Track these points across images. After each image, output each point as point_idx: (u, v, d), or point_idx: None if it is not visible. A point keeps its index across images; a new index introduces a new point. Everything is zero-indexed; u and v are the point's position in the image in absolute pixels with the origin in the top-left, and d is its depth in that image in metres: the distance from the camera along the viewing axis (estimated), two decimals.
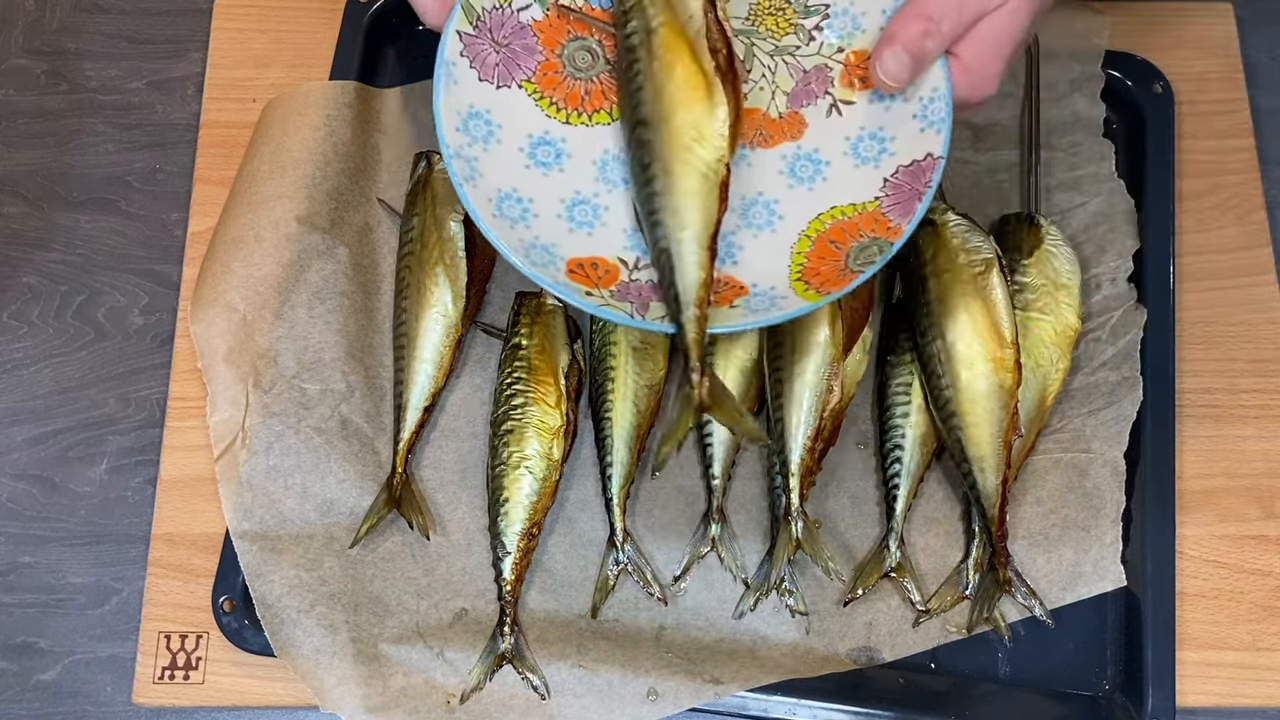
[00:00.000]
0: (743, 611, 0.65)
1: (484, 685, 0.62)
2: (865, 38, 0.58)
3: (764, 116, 0.58)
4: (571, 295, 0.53)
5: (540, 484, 0.64)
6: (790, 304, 0.53)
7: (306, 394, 0.67)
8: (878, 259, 0.53)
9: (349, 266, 0.69)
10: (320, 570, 0.64)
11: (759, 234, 0.57)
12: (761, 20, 0.59)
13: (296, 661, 0.62)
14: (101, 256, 0.75)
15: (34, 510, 0.69)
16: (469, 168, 0.55)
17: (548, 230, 0.56)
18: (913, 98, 0.56)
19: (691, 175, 0.52)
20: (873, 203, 0.56)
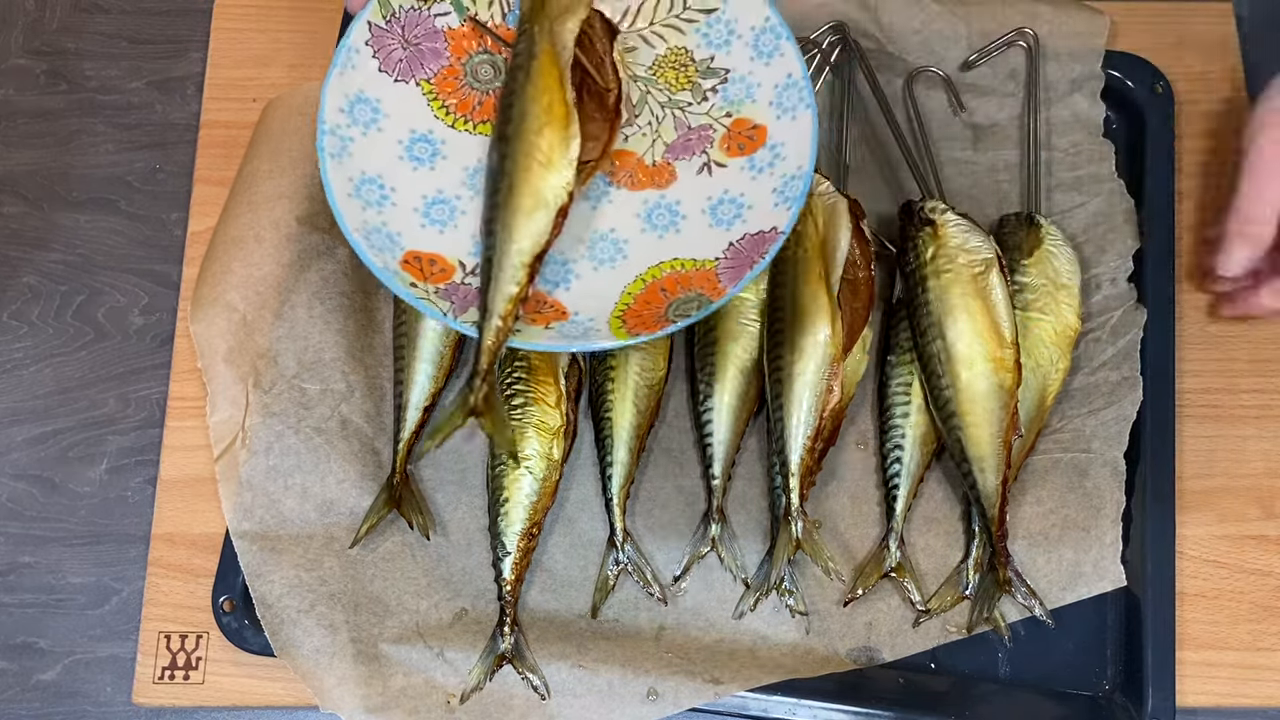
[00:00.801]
0: (743, 611, 0.65)
1: (484, 685, 0.62)
2: (753, 107, 0.60)
3: (638, 161, 0.60)
4: (394, 282, 0.55)
5: (540, 484, 0.64)
6: (598, 337, 0.56)
7: (306, 394, 0.67)
8: (693, 314, 0.56)
9: (349, 266, 0.69)
10: (320, 570, 0.64)
11: (599, 268, 0.59)
12: (663, 72, 0.61)
13: (296, 661, 0.62)
14: (101, 256, 0.75)
15: (34, 510, 0.70)
16: (340, 145, 0.58)
17: (399, 220, 0.58)
18: (778, 173, 0.58)
19: (531, 195, 0.54)
20: (712, 262, 0.58)
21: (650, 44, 0.61)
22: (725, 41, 0.61)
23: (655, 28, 0.61)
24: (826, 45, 0.72)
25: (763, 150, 0.60)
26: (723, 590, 0.66)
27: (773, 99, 0.60)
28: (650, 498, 0.67)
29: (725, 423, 0.66)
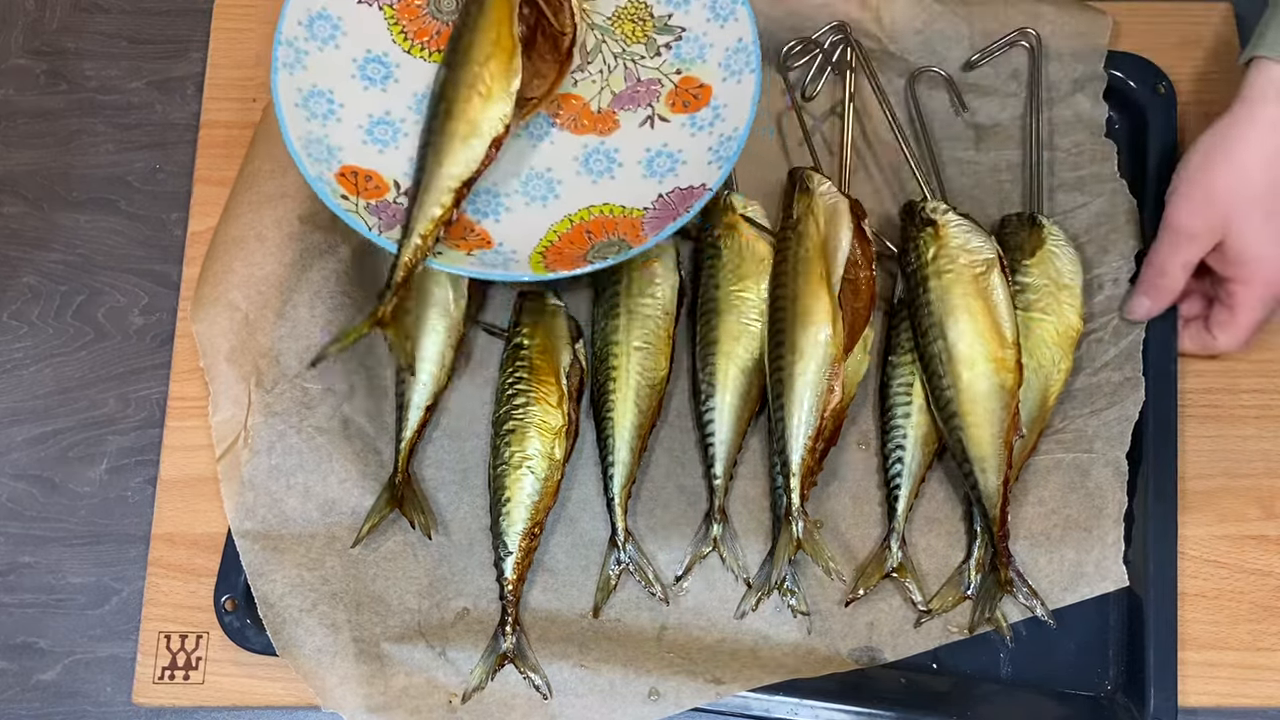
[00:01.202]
0: (744, 611, 0.65)
1: (486, 685, 0.62)
2: (703, 67, 0.61)
3: (584, 106, 0.62)
4: (324, 191, 0.57)
5: (542, 484, 0.64)
6: (516, 268, 0.57)
7: (309, 393, 0.67)
8: (610, 258, 0.57)
9: (350, 265, 0.69)
10: (322, 570, 0.64)
11: (530, 204, 0.60)
12: (621, 24, 0.63)
13: (298, 661, 0.62)
14: (101, 256, 0.75)
15: (34, 510, 0.70)
16: (295, 57, 0.59)
17: (341, 135, 0.60)
18: (717, 133, 0.60)
19: (468, 123, 0.56)
20: (640, 211, 0.60)
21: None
22: (685, 1, 0.62)
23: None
24: (828, 45, 0.72)
25: (706, 109, 0.61)
26: (724, 590, 0.66)
27: (722, 60, 0.61)
28: (652, 497, 0.67)
29: (727, 422, 0.66)
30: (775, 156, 0.73)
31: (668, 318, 0.67)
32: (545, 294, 0.68)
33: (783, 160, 0.73)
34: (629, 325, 0.67)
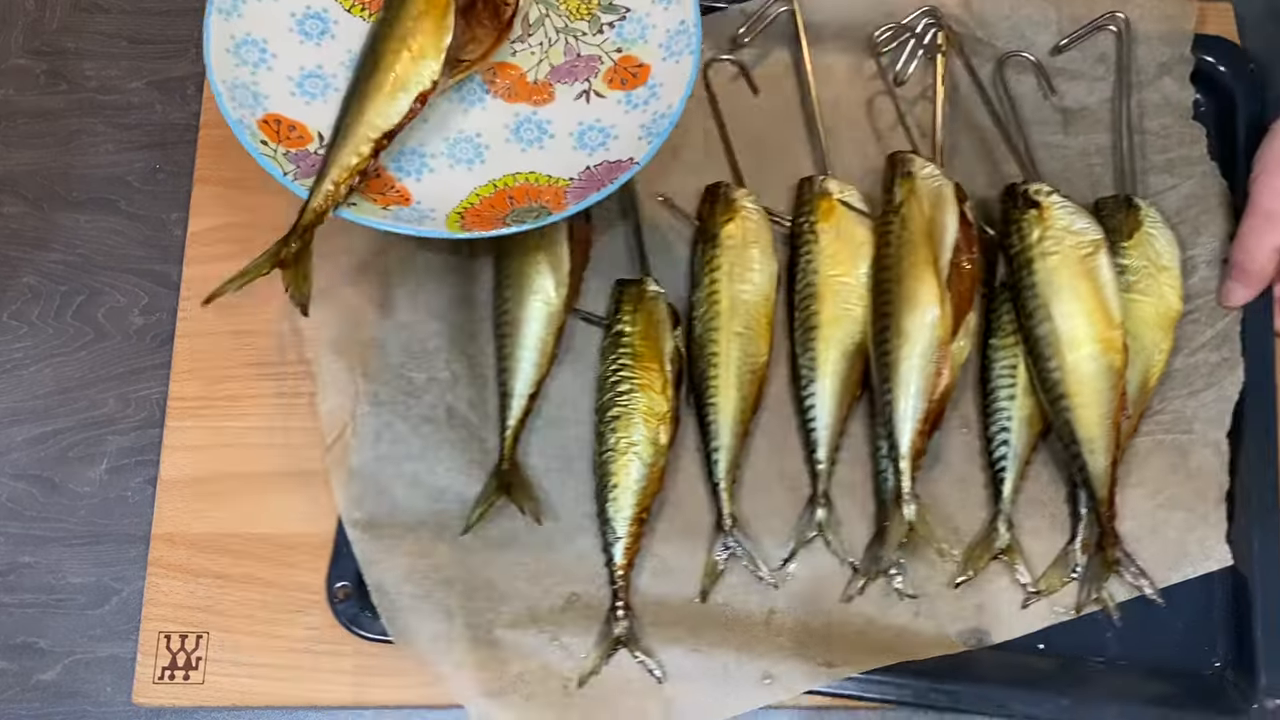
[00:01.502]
0: (851, 595, 0.65)
1: (600, 669, 0.63)
2: (643, 47, 0.62)
3: (520, 76, 0.63)
4: (244, 135, 0.58)
5: (648, 469, 0.65)
6: (432, 225, 0.57)
7: (413, 383, 0.67)
8: (528, 222, 0.57)
9: (448, 256, 0.70)
10: (433, 557, 0.64)
11: (455, 166, 0.61)
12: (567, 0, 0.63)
13: (414, 647, 0.62)
14: (101, 256, 0.75)
15: (34, 510, 0.70)
16: (231, 4, 0.60)
17: (270, 84, 0.60)
18: (651, 110, 0.60)
19: (394, 75, 0.57)
20: (565, 181, 0.60)
21: None
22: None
23: None
24: (921, 29, 0.72)
25: (642, 88, 0.62)
26: (829, 574, 0.66)
27: (663, 41, 0.62)
28: (753, 483, 0.68)
29: (828, 407, 0.66)
30: (866, 140, 0.74)
31: (768, 303, 0.68)
32: (644, 281, 0.69)
33: (874, 144, 0.73)
34: (730, 311, 0.67)
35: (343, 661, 0.65)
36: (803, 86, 0.75)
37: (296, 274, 0.58)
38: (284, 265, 0.58)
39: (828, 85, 0.74)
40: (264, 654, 0.64)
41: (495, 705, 0.61)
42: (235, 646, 0.65)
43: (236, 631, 0.65)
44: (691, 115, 0.74)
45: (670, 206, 0.72)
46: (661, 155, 0.71)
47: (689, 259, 0.71)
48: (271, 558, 0.66)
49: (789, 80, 0.76)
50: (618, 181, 0.58)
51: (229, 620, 0.65)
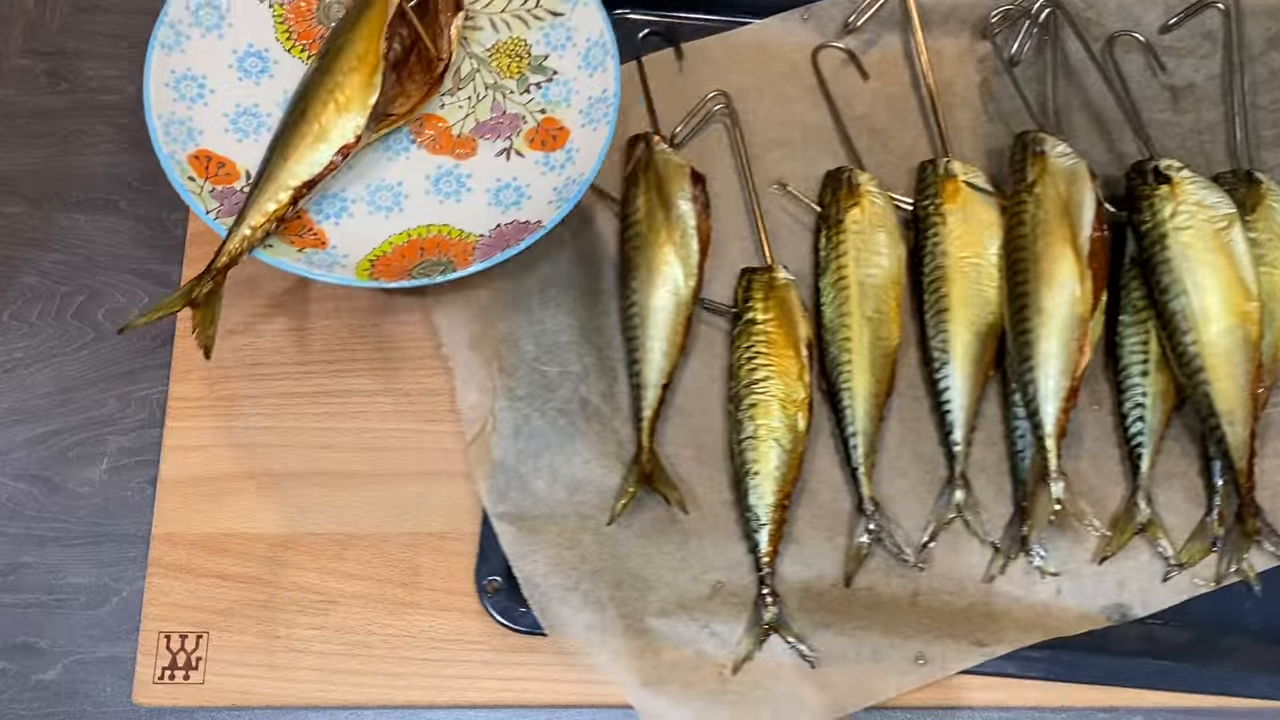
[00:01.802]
0: (993, 575, 0.66)
1: (753, 655, 0.63)
2: (566, 111, 0.64)
3: (446, 129, 0.64)
4: (172, 170, 0.60)
5: (788, 456, 0.65)
6: (341, 272, 0.59)
7: (547, 376, 0.67)
8: (434, 276, 0.59)
9: (573, 251, 0.70)
10: (579, 549, 0.64)
11: (374, 214, 0.62)
12: (499, 57, 0.65)
13: (569, 638, 0.62)
14: (101, 256, 0.75)
15: (34, 510, 0.70)
16: (175, 39, 0.62)
17: (205, 120, 0.62)
18: (565, 175, 0.62)
19: (318, 127, 0.59)
20: (475, 237, 0.62)
21: (496, 29, 0.66)
22: (562, 45, 0.65)
23: (505, 15, 0.65)
24: (1035, 9, 0.73)
25: (560, 151, 0.64)
26: (970, 555, 0.66)
27: (584, 108, 0.64)
28: (888, 466, 0.68)
29: (963, 389, 0.66)
30: (979, 121, 0.74)
31: (897, 286, 0.68)
32: (774, 269, 0.69)
33: (989, 125, 0.74)
34: (860, 296, 0.67)
35: (343, 661, 0.65)
36: (914, 70, 0.75)
37: (205, 314, 0.60)
38: (194, 304, 0.59)
39: (938, 68, 0.74)
40: (264, 654, 0.64)
41: (655, 694, 0.61)
42: (235, 646, 0.64)
43: (236, 631, 0.65)
44: (795, 104, 0.75)
45: (790, 194, 0.72)
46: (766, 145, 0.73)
47: (812, 245, 0.71)
48: (271, 558, 0.66)
49: (897, 65, 0.76)
50: (523, 244, 0.60)
51: (229, 620, 0.65)
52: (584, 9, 0.64)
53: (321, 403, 0.69)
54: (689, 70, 0.76)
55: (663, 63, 0.76)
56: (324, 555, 0.66)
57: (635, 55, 0.75)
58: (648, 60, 0.75)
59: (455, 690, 0.64)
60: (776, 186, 0.72)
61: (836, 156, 0.74)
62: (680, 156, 0.71)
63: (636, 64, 0.75)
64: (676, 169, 0.70)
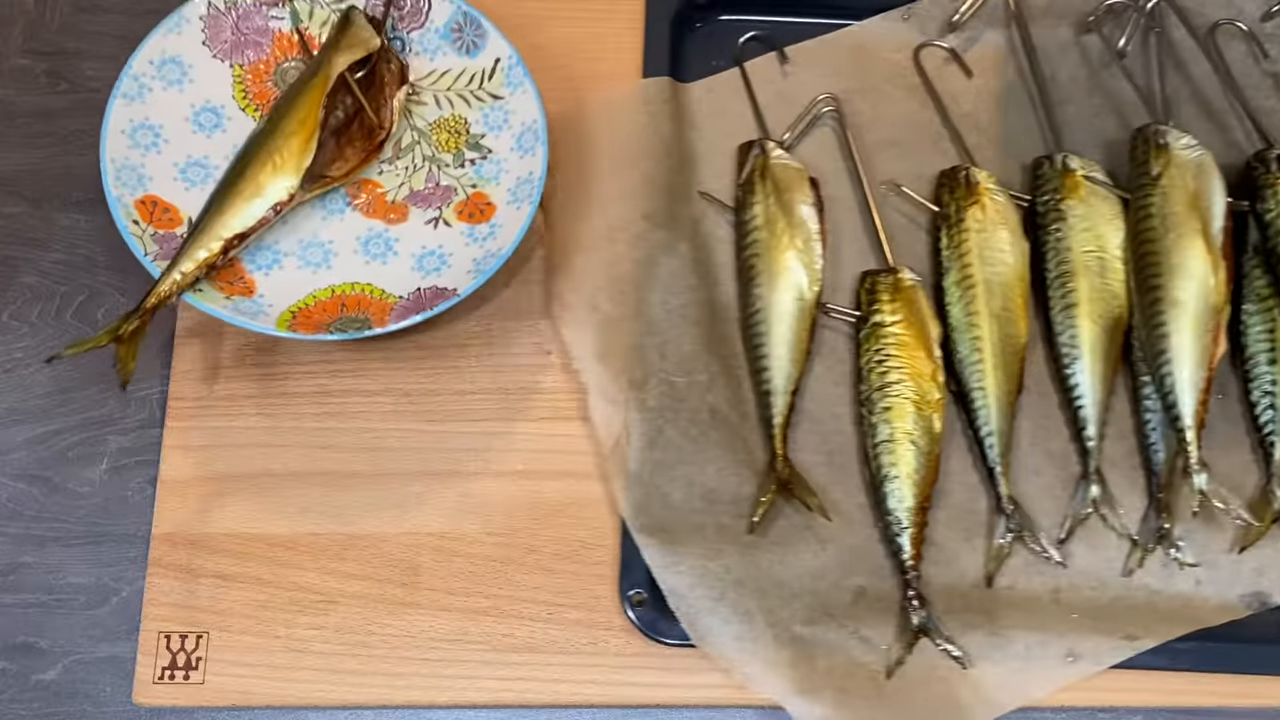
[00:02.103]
0: (1131, 569, 0.66)
1: (905, 659, 0.63)
2: (495, 188, 0.67)
3: (381, 195, 0.68)
4: (119, 212, 0.63)
5: (926, 458, 0.65)
6: (263, 321, 0.63)
7: (675, 387, 0.67)
8: (349, 332, 0.62)
9: (690, 261, 0.70)
10: (722, 559, 0.64)
11: (302, 268, 0.66)
12: (439, 132, 0.69)
13: (719, 650, 0.62)
14: (101, 256, 0.75)
15: (34, 510, 0.70)
16: (137, 90, 0.65)
17: (156, 167, 0.65)
18: (486, 248, 0.65)
19: (254, 186, 0.63)
20: (395, 298, 0.65)
21: (439, 104, 0.70)
22: (498, 126, 0.69)
23: (449, 93, 0.69)
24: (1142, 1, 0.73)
25: (484, 225, 0.67)
26: (1107, 550, 0.66)
27: (512, 187, 0.67)
28: (1020, 464, 0.68)
29: (1093, 384, 0.66)
30: (1086, 115, 0.74)
31: (1022, 283, 0.68)
32: (899, 271, 0.69)
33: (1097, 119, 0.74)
34: (988, 295, 0.67)
35: (343, 661, 0.65)
36: (1017, 65, 0.75)
37: (128, 350, 0.62)
38: (119, 340, 0.62)
39: (1042, 64, 0.74)
40: (264, 654, 0.64)
41: (813, 702, 0.61)
42: (235, 646, 0.64)
43: (236, 631, 0.65)
44: (899, 104, 0.75)
45: (904, 194, 0.72)
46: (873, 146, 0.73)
47: (929, 246, 0.71)
48: (271, 558, 0.66)
49: (998, 61, 0.76)
50: (437, 309, 0.63)
51: (229, 620, 0.65)
52: (522, 95, 0.68)
53: (321, 403, 0.69)
54: (791, 74, 0.76)
55: (764, 67, 0.76)
56: (324, 555, 0.66)
57: (737, 60, 0.75)
58: (750, 65, 0.75)
59: (455, 690, 0.64)
60: (889, 187, 0.72)
61: (946, 155, 0.73)
62: (798, 162, 0.70)
63: (740, 70, 0.75)
64: (796, 174, 0.70)
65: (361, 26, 0.67)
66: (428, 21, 0.69)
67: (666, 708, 0.66)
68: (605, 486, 0.66)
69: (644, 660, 0.65)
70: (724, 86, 0.75)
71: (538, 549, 0.67)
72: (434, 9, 0.69)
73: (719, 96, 0.75)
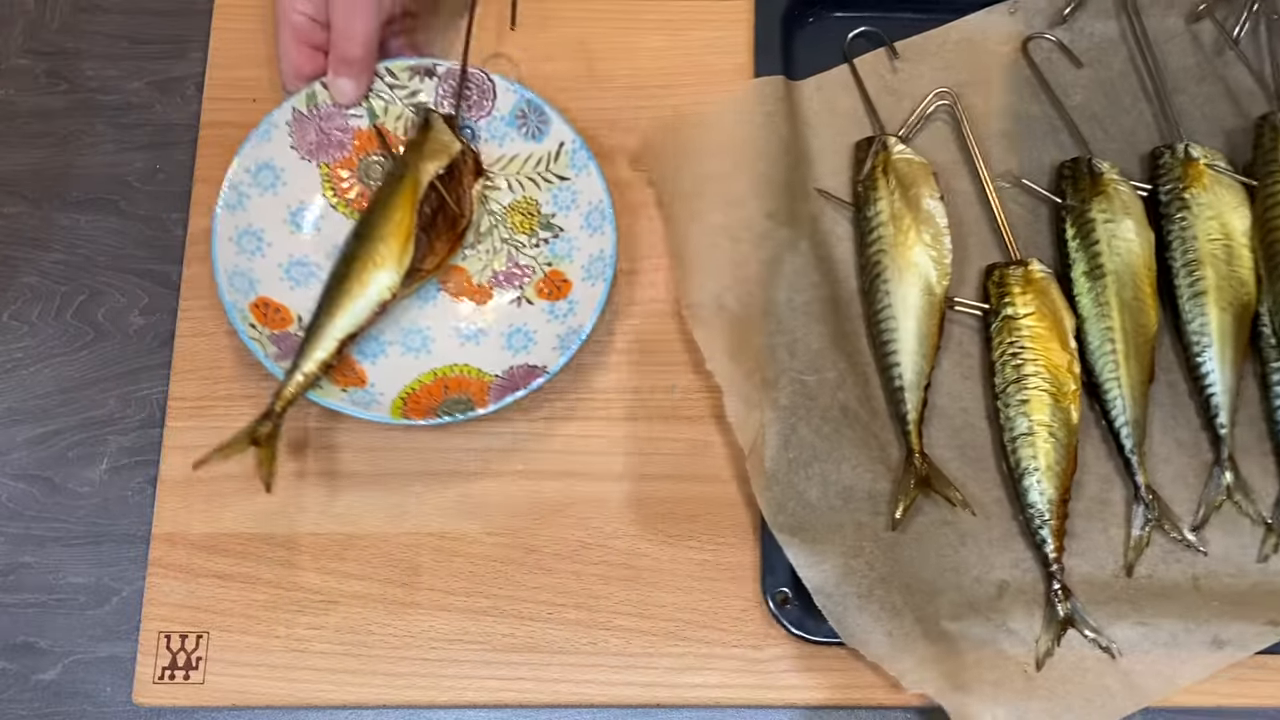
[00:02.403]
0: (1266, 555, 0.66)
1: (1054, 651, 0.63)
2: (569, 265, 0.70)
3: (468, 278, 0.71)
4: (237, 319, 0.66)
5: (1065, 449, 0.65)
6: (378, 410, 0.65)
7: (806, 385, 0.67)
8: (455, 415, 0.65)
9: (812, 258, 0.70)
10: (864, 556, 0.64)
11: (405, 354, 0.69)
12: (513, 214, 0.72)
13: (870, 647, 0.62)
14: (101, 256, 0.75)
15: (34, 510, 0.70)
16: (237, 199, 0.68)
17: (263, 270, 0.68)
18: (567, 325, 0.68)
19: (360, 287, 0.66)
20: (491, 377, 0.68)
21: (512, 188, 0.72)
22: (567, 206, 0.71)
23: (519, 176, 0.72)
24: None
25: (563, 302, 0.69)
26: (1242, 536, 0.66)
27: (585, 264, 0.69)
28: (1150, 453, 0.68)
29: (1224, 371, 0.67)
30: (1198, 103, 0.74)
31: (1150, 272, 0.68)
32: (1029, 263, 0.69)
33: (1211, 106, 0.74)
34: (1118, 285, 0.67)
35: (343, 661, 0.65)
36: (1126, 55, 0.75)
37: (267, 453, 0.63)
38: (257, 443, 0.63)
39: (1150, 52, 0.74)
40: (264, 654, 0.64)
41: (968, 696, 0.61)
42: (235, 646, 0.64)
43: (236, 631, 0.65)
44: (1009, 96, 0.75)
45: (1024, 186, 0.72)
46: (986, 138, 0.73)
47: (1052, 237, 0.72)
48: (271, 558, 0.66)
49: (1107, 51, 0.76)
50: (530, 387, 0.65)
51: (229, 620, 0.65)
52: (586, 177, 0.70)
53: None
54: (900, 69, 0.76)
55: (873, 62, 0.76)
56: (324, 555, 0.66)
57: (846, 57, 0.76)
58: (859, 61, 0.75)
59: (455, 690, 0.64)
60: (1008, 180, 0.72)
61: (1060, 147, 0.74)
62: (921, 156, 0.70)
63: (849, 66, 0.75)
64: (920, 169, 0.70)
65: (441, 130, 0.70)
66: (494, 110, 0.72)
67: (666, 708, 0.66)
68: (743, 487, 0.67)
69: (644, 660, 0.65)
70: (833, 83, 0.76)
71: (538, 549, 0.67)
72: (499, 98, 0.72)
73: (829, 93, 0.75)
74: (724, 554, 0.67)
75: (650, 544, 0.67)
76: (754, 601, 0.66)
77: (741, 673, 0.65)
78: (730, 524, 0.67)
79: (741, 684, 0.65)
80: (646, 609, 0.66)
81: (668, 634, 0.65)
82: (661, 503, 0.68)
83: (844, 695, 0.65)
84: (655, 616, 0.66)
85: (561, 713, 0.67)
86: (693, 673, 0.65)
